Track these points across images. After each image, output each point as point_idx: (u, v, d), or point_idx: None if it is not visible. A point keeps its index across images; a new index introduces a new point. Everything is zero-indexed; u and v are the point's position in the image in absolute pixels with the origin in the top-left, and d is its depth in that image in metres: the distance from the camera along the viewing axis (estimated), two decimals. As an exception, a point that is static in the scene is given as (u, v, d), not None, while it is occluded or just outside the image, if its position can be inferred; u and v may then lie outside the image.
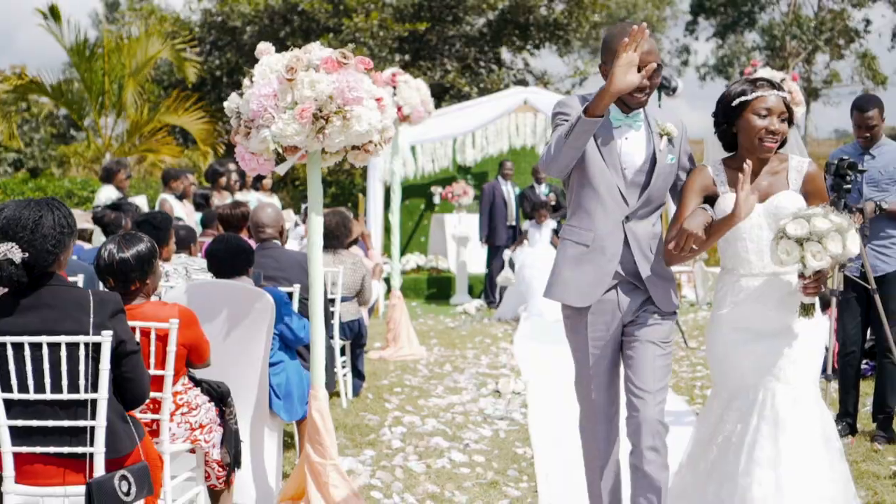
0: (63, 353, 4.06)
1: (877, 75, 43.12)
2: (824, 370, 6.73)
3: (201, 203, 12.51)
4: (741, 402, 4.63)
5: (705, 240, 4.47)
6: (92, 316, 4.07)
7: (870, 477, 6.42)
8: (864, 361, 8.82)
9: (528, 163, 18.44)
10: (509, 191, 16.42)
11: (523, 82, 24.23)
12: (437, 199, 19.00)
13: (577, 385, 4.78)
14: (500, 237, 16.16)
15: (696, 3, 43.98)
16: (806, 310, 4.51)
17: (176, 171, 12.74)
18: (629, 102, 4.59)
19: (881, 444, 7.18)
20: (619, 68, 4.29)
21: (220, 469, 5.22)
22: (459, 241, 17.08)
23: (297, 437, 6.67)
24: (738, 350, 4.64)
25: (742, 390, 4.63)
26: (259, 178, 13.92)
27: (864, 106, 7.29)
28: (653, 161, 4.63)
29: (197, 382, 5.21)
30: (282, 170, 5.48)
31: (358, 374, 9.22)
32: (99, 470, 4.12)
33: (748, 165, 4.40)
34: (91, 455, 4.13)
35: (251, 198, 13.09)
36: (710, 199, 4.67)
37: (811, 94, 43.16)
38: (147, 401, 4.50)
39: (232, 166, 13.12)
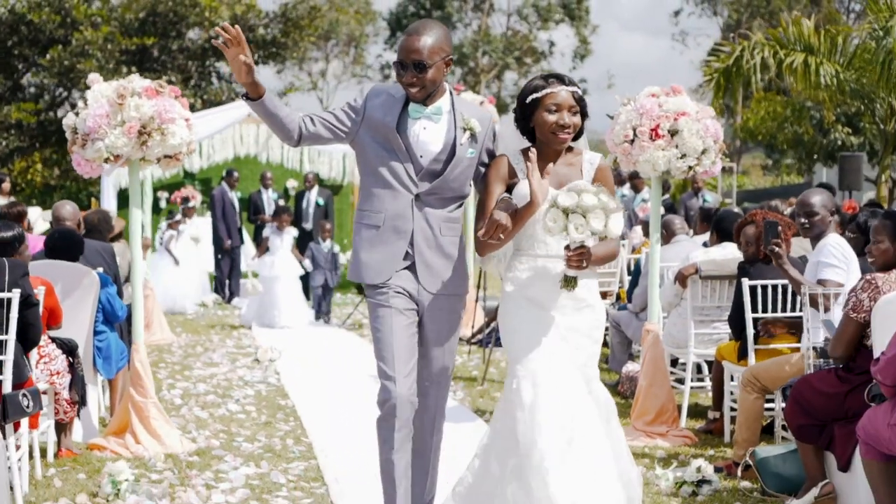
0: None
1: (561, 92, 46.71)
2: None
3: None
4: (532, 374, 4.77)
5: (511, 228, 4.70)
6: (7, 277, 5.55)
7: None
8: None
9: (250, 170, 19.92)
10: (234, 197, 17.99)
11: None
12: (163, 204, 20.20)
13: (378, 359, 4.92)
14: (231, 239, 17.60)
15: (394, 21, 46.17)
16: (567, 282, 4.74)
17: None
18: (407, 95, 4.87)
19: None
20: (230, 63, 4.73)
21: (69, 406, 6.70)
22: (192, 242, 18.34)
23: (108, 392, 8.11)
24: (531, 325, 4.84)
25: (533, 362, 4.78)
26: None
27: None
28: (451, 152, 4.88)
29: (52, 339, 6.67)
30: (108, 172, 7.02)
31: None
32: (7, 389, 5.62)
33: (533, 154, 4.67)
34: (1, 381, 5.63)
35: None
36: (511, 188, 4.89)
37: (501, 108, 46.43)
38: (39, 343, 6.00)
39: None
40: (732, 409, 7.46)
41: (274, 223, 15.08)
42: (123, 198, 17.73)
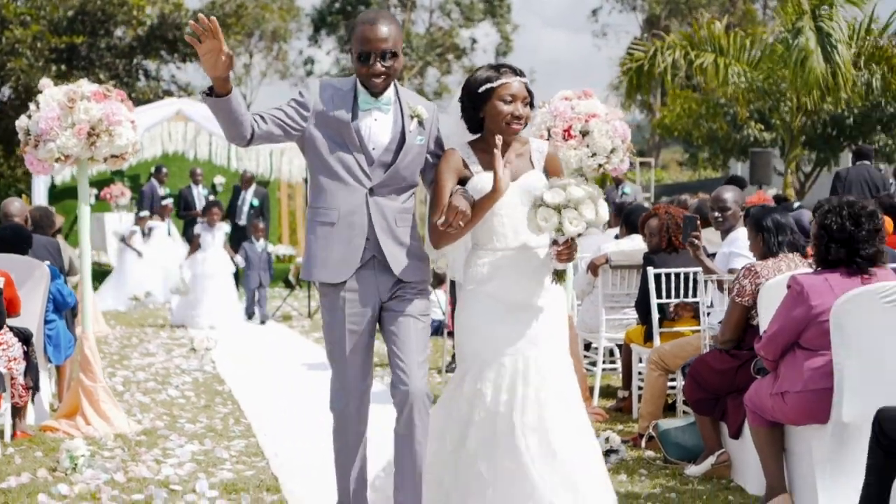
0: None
1: (482, 89, 47.19)
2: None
3: None
4: (495, 373, 4.77)
5: (471, 217, 4.67)
6: None
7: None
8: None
9: (178, 167, 20.24)
10: (162, 192, 18.34)
11: (169, 93, 26.13)
12: (92, 200, 20.45)
13: (331, 363, 4.90)
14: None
15: (318, 18, 46.24)
16: (559, 276, 4.82)
17: None
18: (368, 87, 4.75)
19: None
20: (202, 58, 4.48)
21: (24, 391, 7.16)
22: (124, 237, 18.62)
23: (56, 378, 8.53)
24: (492, 321, 4.80)
25: (495, 361, 4.78)
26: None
27: None
28: (401, 140, 4.80)
29: (10, 327, 7.12)
30: (58, 171, 7.47)
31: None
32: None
33: (500, 141, 4.63)
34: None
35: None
36: (462, 181, 4.82)
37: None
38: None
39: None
40: (640, 389, 8.08)
41: (204, 219, 14.75)
42: (52, 195, 18.08)
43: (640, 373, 8.21)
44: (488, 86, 4.75)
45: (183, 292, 14.19)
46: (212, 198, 18.22)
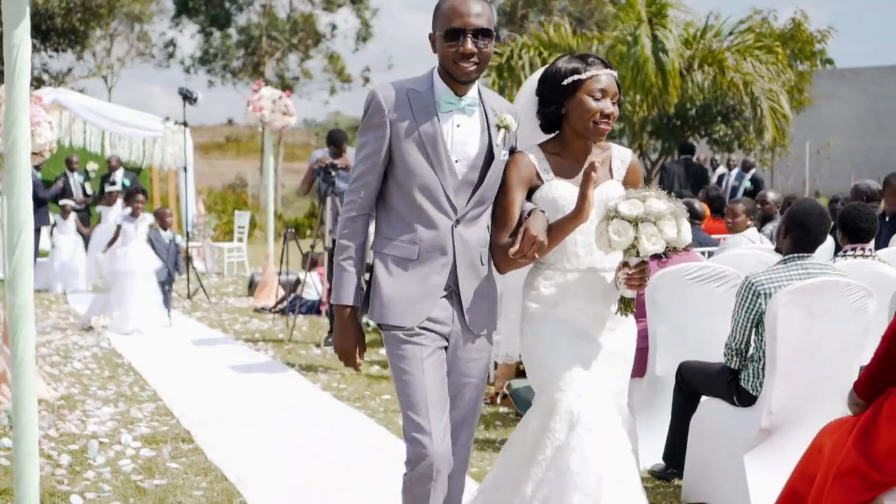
0: None
1: (342, 74, 48.02)
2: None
3: None
4: (564, 405, 4.10)
5: (547, 245, 4.02)
6: None
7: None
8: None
9: (54, 155, 20.67)
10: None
11: (40, 80, 26.50)
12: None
13: (405, 420, 3.98)
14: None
15: (179, 2, 46.09)
16: (627, 305, 4.13)
17: None
18: (456, 74, 3.91)
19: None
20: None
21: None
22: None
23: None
24: (561, 348, 4.17)
25: (567, 393, 4.11)
26: None
27: None
28: (488, 156, 4.03)
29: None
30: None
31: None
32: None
33: (597, 163, 3.90)
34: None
35: None
36: (532, 190, 4.18)
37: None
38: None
39: None
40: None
41: (128, 208, 12.78)
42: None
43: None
44: (575, 77, 4.07)
45: (102, 289, 12.88)
46: (88, 185, 18.78)
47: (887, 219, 9.16)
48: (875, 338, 4.75)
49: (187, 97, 16.04)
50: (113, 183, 18.20)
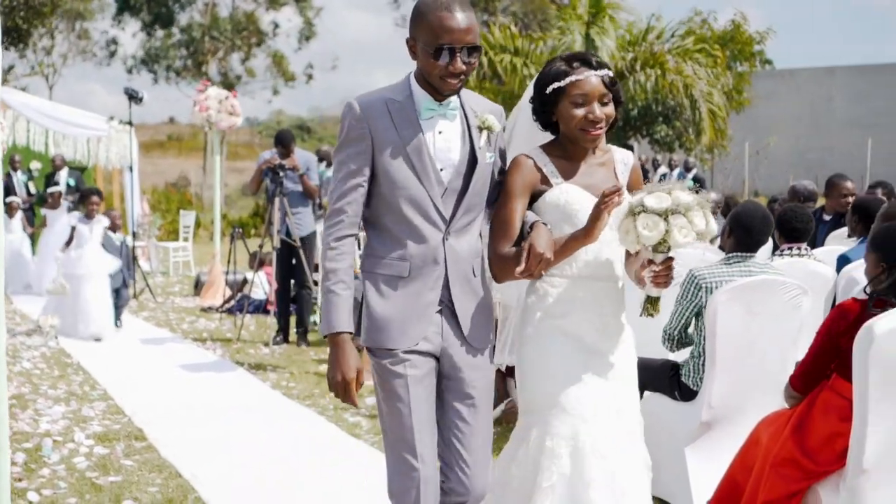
0: None
1: (286, 73, 48.00)
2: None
3: None
4: (572, 429, 3.91)
5: (552, 261, 3.83)
6: None
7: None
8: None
9: (-5, 153, 20.63)
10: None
11: (-19, 78, 26.25)
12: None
13: (390, 448, 3.82)
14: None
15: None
16: (652, 304, 3.88)
17: None
18: (441, 89, 3.71)
19: (303, 346, 11.22)
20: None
21: None
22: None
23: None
24: (570, 364, 3.96)
25: (572, 415, 3.91)
26: None
27: None
28: (472, 159, 3.82)
29: None
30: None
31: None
32: None
33: (619, 190, 3.66)
34: None
35: None
36: (537, 195, 3.98)
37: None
38: None
39: None
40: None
41: (83, 210, 12.38)
42: None
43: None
44: (556, 85, 3.91)
45: (60, 293, 12.26)
46: (31, 185, 18.72)
47: (827, 218, 9.43)
48: (810, 334, 4.97)
49: (133, 97, 16.04)
50: (56, 183, 18.08)
